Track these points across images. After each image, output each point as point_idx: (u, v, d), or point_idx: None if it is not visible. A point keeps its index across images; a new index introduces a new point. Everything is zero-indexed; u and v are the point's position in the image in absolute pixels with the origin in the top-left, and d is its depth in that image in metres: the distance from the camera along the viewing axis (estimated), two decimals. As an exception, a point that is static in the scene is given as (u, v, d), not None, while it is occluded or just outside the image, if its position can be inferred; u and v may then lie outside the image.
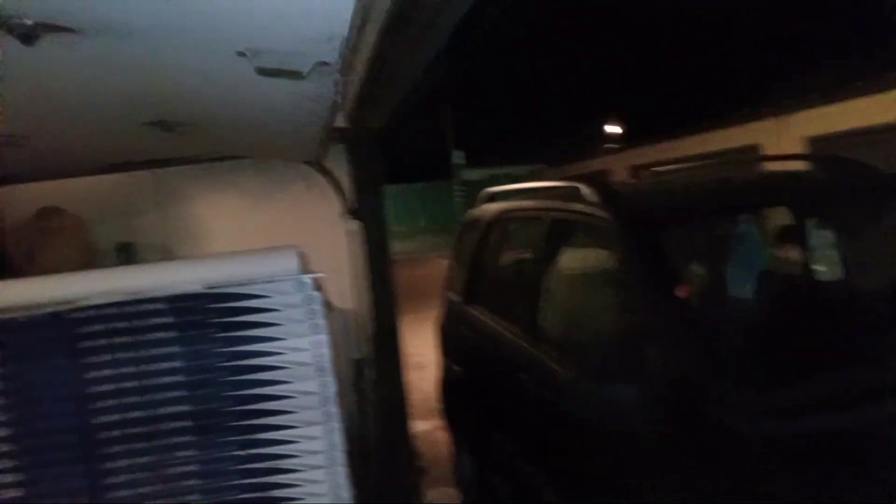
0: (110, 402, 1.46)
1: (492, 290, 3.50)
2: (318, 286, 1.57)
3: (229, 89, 1.68)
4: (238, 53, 1.38)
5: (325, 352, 1.54)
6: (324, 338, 1.54)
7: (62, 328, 1.44)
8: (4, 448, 1.45)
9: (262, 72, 1.49)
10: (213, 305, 1.48)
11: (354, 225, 3.29)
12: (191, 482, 1.50)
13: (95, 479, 1.47)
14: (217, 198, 3.51)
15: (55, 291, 1.46)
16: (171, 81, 1.56)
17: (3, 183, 3.04)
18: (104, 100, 1.62)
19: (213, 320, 1.49)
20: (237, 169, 3.37)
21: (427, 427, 4.67)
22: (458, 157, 17.26)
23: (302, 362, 1.53)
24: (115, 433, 1.47)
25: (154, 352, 1.47)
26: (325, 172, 3.25)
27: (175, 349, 1.48)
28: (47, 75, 1.34)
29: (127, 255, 3.44)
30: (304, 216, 3.35)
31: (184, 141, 2.25)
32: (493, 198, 3.85)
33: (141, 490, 1.48)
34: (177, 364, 1.48)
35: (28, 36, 1.03)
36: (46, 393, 1.45)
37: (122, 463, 1.47)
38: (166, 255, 3.44)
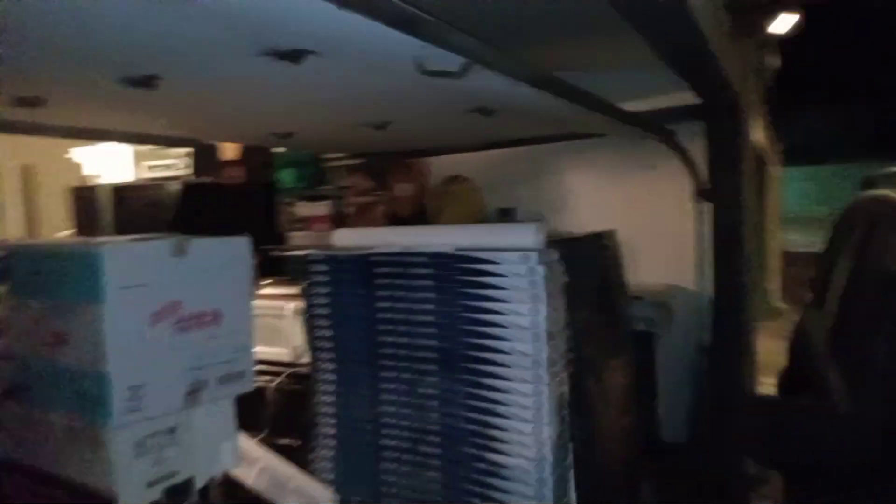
0: (387, 328, 1.94)
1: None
2: (546, 261, 1.72)
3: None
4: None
5: (542, 320, 1.69)
6: (542, 307, 1.70)
7: (365, 265, 1.96)
8: (330, 353, 2.08)
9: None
10: (458, 265, 1.79)
11: (706, 205, 3.15)
12: (432, 403, 1.87)
13: (375, 385, 1.98)
14: (581, 172, 3.80)
15: (365, 240, 1.99)
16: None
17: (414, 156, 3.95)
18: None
19: (457, 277, 1.80)
20: (599, 146, 3.56)
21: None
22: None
23: (521, 326, 1.72)
24: (388, 351, 1.94)
25: (417, 294, 1.87)
26: (680, 150, 3.17)
27: (430, 295, 1.85)
28: (309, 86, 1.84)
29: (509, 219, 4.04)
30: (655, 193, 3.37)
31: (504, 123, 2.59)
32: (873, 183, 3.12)
33: (401, 398, 1.92)
34: (430, 307, 1.85)
35: (294, 56, 1.49)
36: (352, 314, 2.01)
37: (390, 374, 1.94)
38: (541, 220, 3.91)
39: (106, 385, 1.40)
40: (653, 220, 3.35)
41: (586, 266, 2.15)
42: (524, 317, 1.71)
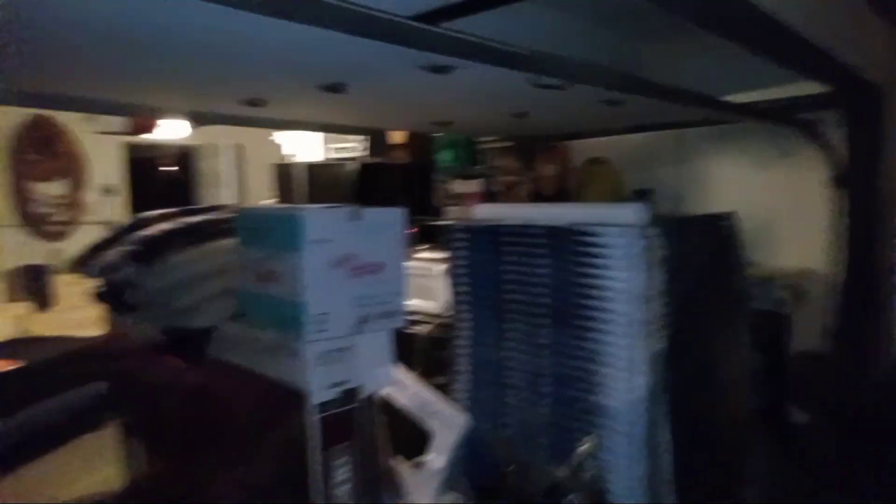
0: (511, 287, 2.34)
1: None
2: (646, 235, 2.02)
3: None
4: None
5: (638, 286, 2.00)
6: (639, 275, 2.00)
7: (495, 234, 2.38)
8: (467, 306, 2.53)
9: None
10: (570, 237, 2.15)
11: (843, 191, 3.15)
12: (545, 351, 2.25)
13: (500, 334, 2.39)
14: (721, 155, 3.87)
15: (497, 214, 2.40)
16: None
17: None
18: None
19: (569, 247, 2.15)
20: (740, 131, 3.63)
21: None
22: None
23: (620, 290, 2.04)
24: (511, 306, 2.35)
25: (536, 260, 2.25)
26: (817, 137, 3.19)
27: (546, 261, 2.22)
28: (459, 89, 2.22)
29: (645, 199, 4.23)
30: (793, 177, 3.40)
31: (635, 111, 2.83)
32: None
33: (520, 345, 2.33)
34: (546, 271, 2.23)
35: (443, 70, 1.91)
36: (483, 274, 2.43)
37: (512, 325, 2.35)
38: (677, 202, 4.05)
39: (302, 311, 1.96)
40: (789, 204, 3.40)
41: (696, 242, 2.38)
42: (623, 282, 2.03)
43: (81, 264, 2.81)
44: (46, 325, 5.11)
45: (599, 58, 2.29)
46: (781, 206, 3.30)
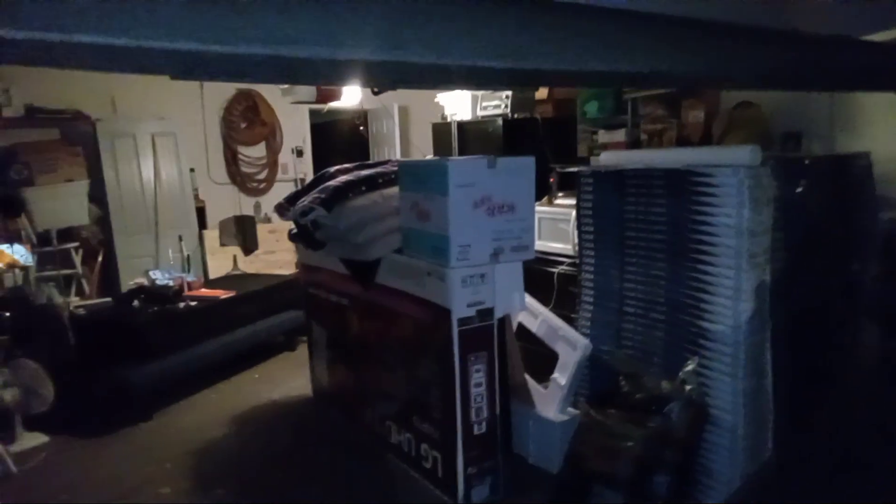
0: (631, 224, 2.62)
1: None
2: (754, 175, 2.20)
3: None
4: None
5: (745, 221, 2.20)
6: (746, 212, 2.19)
7: (619, 178, 2.65)
8: (591, 244, 2.84)
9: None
10: (685, 178, 2.37)
11: None
12: (660, 281, 2.52)
13: (621, 267, 2.69)
14: (877, 98, 3.67)
15: (621, 160, 2.67)
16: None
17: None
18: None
19: (684, 187, 2.38)
20: None
21: None
22: None
23: (728, 225, 2.24)
24: (631, 242, 2.63)
25: (654, 200, 2.51)
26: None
27: (663, 200, 2.47)
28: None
29: (793, 142, 4.14)
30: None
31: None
32: None
33: (638, 276, 2.61)
34: (662, 210, 2.47)
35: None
36: (607, 214, 2.72)
37: (631, 259, 2.63)
38: (828, 144, 3.93)
39: (448, 243, 2.42)
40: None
41: (815, 182, 2.48)
42: (732, 218, 2.23)
43: (280, 211, 3.51)
44: (252, 264, 6.16)
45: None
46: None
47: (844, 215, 2.60)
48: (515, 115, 4.95)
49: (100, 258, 5.69)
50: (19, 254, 4.46)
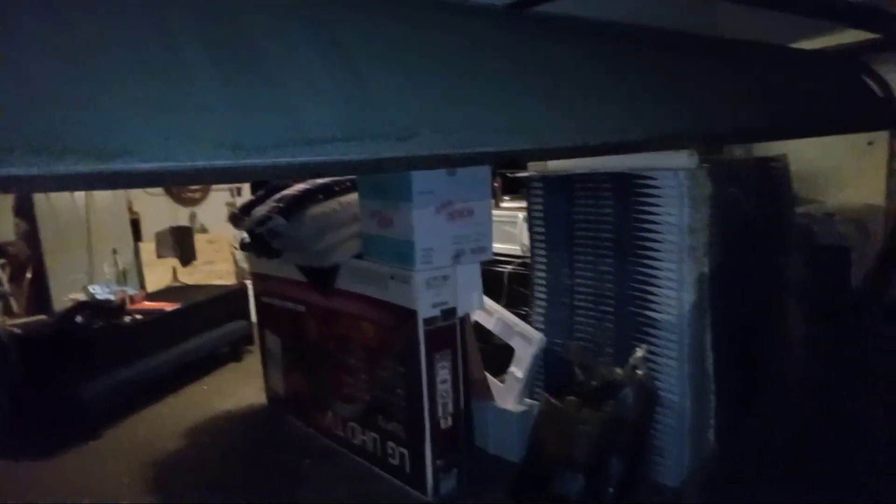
0: (580, 224, 2.81)
1: None
2: (692, 177, 2.42)
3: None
4: None
5: (685, 218, 2.42)
6: (686, 209, 2.42)
7: (567, 182, 2.84)
8: (542, 244, 3.02)
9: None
10: (629, 180, 2.58)
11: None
12: (609, 276, 2.72)
13: (571, 265, 2.87)
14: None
15: (568, 164, 2.86)
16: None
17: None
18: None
19: (628, 189, 2.59)
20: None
21: None
22: None
23: (670, 223, 2.46)
24: (580, 241, 2.81)
25: (602, 202, 2.70)
26: (874, 79, 3.36)
27: (610, 202, 2.67)
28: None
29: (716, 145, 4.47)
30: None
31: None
32: None
33: (588, 273, 2.80)
34: (609, 210, 2.67)
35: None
36: (556, 216, 2.91)
37: (580, 257, 2.82)
38: (747, 147, 4.30)
39: (413, 247, 2.53)
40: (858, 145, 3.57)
41: (743, 181, 2.74)
42: (673, 216, 2.45)
43: (235, 221, 3.51)
44: (191, 276, 6.05)
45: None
46: (845, 149, 3.49)
47: (770, 211, 2.88)
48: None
49: (28, 275, 5.45)
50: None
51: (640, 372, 2.47)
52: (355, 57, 1.17)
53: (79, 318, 3.92)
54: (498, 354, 3.09)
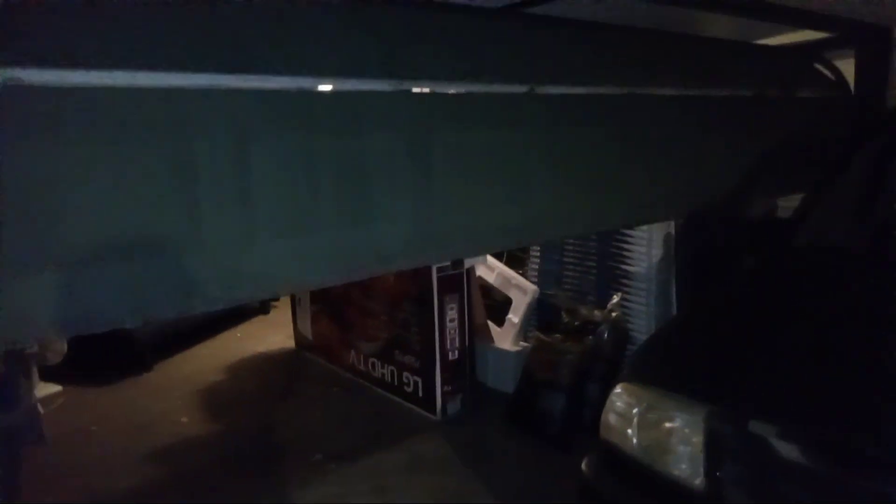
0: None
1: None
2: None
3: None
4: None
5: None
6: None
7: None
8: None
9: None
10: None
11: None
12: (593, 237, 3.23)
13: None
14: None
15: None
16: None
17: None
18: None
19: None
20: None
21: None
22: None
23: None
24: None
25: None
26: (831, 70, 3.79)
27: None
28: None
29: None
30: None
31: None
32: None
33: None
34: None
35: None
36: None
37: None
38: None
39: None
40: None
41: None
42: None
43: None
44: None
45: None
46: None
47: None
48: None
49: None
50: None
51: (615, 314, 2.99)
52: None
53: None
54: (499, 309, 3.62)
